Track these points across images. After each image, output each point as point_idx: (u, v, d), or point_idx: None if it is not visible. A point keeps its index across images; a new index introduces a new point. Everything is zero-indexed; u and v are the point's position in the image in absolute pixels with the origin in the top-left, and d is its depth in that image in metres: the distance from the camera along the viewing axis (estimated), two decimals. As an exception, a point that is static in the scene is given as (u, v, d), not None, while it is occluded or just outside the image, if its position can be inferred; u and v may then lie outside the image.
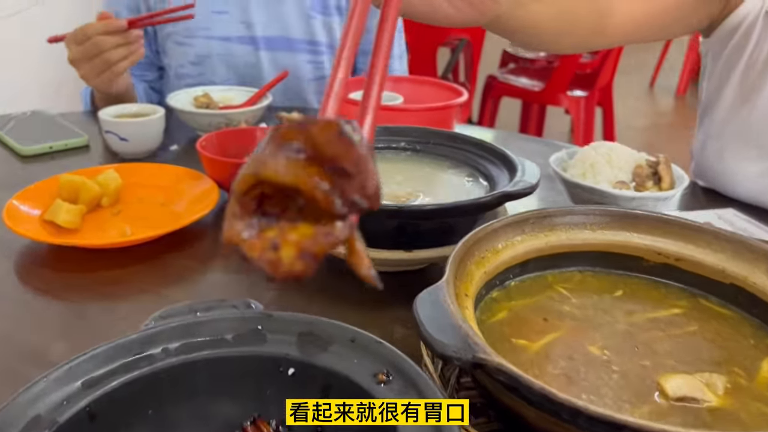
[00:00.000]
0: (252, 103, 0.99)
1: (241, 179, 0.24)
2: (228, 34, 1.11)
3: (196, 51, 1.11)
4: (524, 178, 0.62)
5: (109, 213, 0.72)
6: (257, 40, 1.12)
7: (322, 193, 0.23)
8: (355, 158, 0.23)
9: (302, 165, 0.23)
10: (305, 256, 0.24)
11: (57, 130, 0.94)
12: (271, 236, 0.24)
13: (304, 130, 0.23)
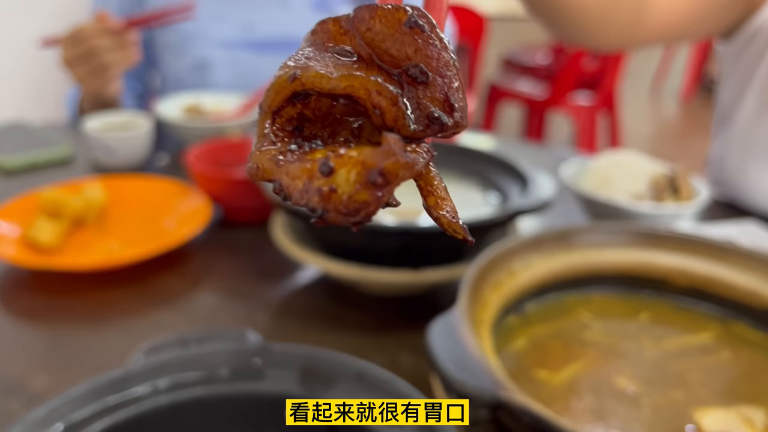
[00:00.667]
0: (245, 111, 0.95)
1: (275, 88, 0.17)
2: (228, 39, 1.06)
3: (194, 58, 1.05)
4: (537, 192, 0.58)
5: (94, 230, 0.68)
6: (257, 43, 1.08)
7: (389, 99, 0.16)
8: (434, 55, 0.16)
9: (359, 67, 0.17)
10: (374, 177, 0.15)
11: (40, 141, 0.89)
12: (320, 157, 0.16)
13: (359, 21, 0.17)
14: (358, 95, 0.16)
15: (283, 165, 0.17)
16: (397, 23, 0.16)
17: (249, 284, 0.61)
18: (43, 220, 0.63)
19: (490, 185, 0.65)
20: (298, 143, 0.17)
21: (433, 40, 0.16)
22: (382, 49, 0.16)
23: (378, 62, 0.17)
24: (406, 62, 0.16)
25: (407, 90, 0.17)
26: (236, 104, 0.97)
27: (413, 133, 0.17)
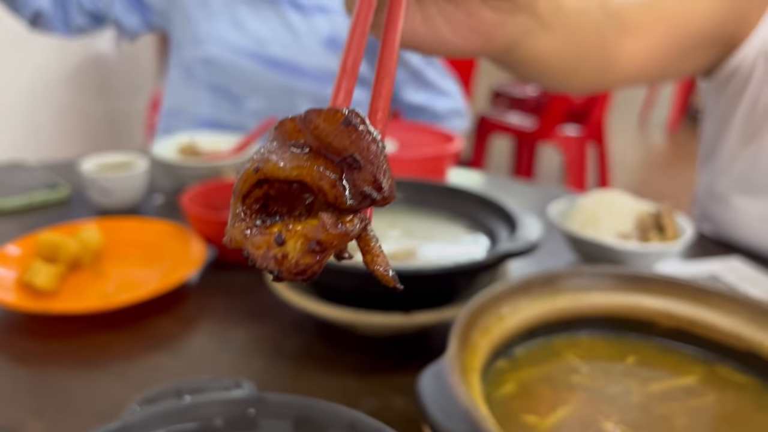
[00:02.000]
0: (239, 150, 0.97)
1: (243, 178, 0.22)
2: (240, 47, 1.16)
3: (208, 54, 1.16)
4: (525, 234, 0.59)
5: (90, 273, 0.69)
6: (268, 60, 1.16)
7: (329, 183, 0.21)
8: (364, 147, 0.21)
9: (308, 158, 0.22)
10: (314, 246, 0.22)
11: (36, 181, 0.91)
12: (275, 231, 0.22)
13: (308, 121, 0.22)
14: (306, 181, 0.22)
15: (249, 238, 0.22)
16: (336, 122, 0.21)
17: (243, 326, 0.62)
18: (39, 264, 0.64)
19: (479, 227, 0.66)
20: (262, 219, 0.22)
21: (365, 135, 0.21)
22: (326, 142, 0.21)
23: (324, 152, 0.22)
24: (344, 152, 0.21)
25: (346, 173, 0.22)
26: (231, 144, 0.99)
27: (350, 207, 0.21)
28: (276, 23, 1.17)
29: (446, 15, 0.48)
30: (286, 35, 1.17)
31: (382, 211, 0.70)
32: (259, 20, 1.17)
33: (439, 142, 0.96)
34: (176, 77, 1.23)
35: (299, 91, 1.17)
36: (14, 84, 1.73)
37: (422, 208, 0.71)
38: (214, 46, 1.16)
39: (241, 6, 1.17)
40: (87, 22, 1.19)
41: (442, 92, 1.29)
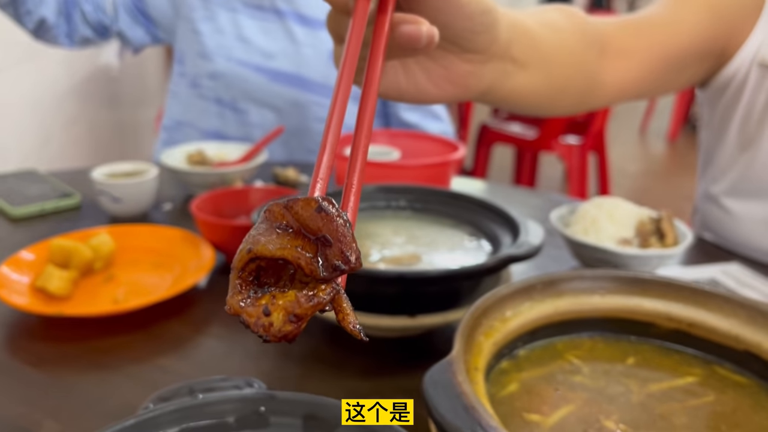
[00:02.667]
0: (247, 159, 0.98)
1: (239, 256, 0.27)
2: (247, 61, 1.18)
3: (215, 67, 1.19)
4: (528, 240, 0.61)
5: (102, 278, 0.70)
6: (274, 72, 1.18)
7: (305, 260, 0.27)
8: (333, 228, 0.26)
9: (290, 238, 0.27)
10: (292, 318, 0.27)
11: (48, 189, 0.92)
12: (263, 303, 0.28)
13: (289, 208, 0.27)
14: (287, 259, 0.27)
15: (244, 308, 0.28)
16: (311, 209, 0.26)
17: (252, 330, 0.63)
18: (52, 269, 0.66)
19: (482, 232, 0.68)
20: (254, 289, 0.28)
21: (335, 218, 0.26)
22: (305, 224, 0.27)
23: (303, 232, 0.27)
24: (318, 233, 0.26)
25: (320, 250, 0.27)
26: (238, 153, 1.01)
27: (324, 278, 0.27)
28: (282, 37, 1.19)
29: (424, 69, 0.51)
30: (292, 48, 1.19)
31: (387, 218, 0.72)
32: (265, 34, 1.19)
33: (441, 150, 0.98)
34: (180, 90, 1.24)
35: (305, 102, 1.19)
36: (25, 96, 1.76)
37: (426, 214, 0.72)
38: (221, 59, 1.18)
39: (247, 20, 1.20)
40: (91, 34, 1.22)
41: (434, 115, 1.30)
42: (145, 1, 1.23)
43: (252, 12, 1.20)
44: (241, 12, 1.20)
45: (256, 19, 1.20)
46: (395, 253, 0.64)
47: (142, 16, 1.24)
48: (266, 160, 1.00)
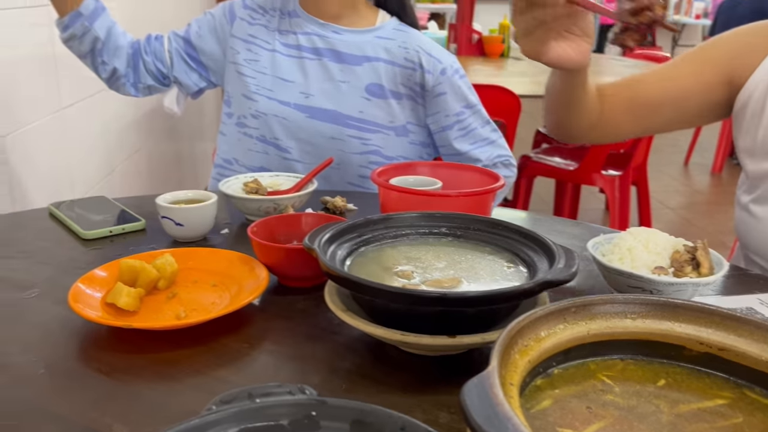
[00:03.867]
0: (298, 188, 1.04)
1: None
2: (288, 100, 1.25)
3: (258, 107, 1.26)
4: (563, 266, 0.64)
5: (165, 296, 0.76)
6: (312, 109, 1.25)
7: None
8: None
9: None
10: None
11: (116, 214, 1.00)
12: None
13: None
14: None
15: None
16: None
17: (301, 346, 0.68)
18: (121, 286, 0.72)
19: (520, 259, 0.71)
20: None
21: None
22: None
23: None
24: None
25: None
26: (290, 182, 1.07)
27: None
28: (320, 76, 1.26)
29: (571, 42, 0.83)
30: (330, 86, 1.25)
31: (429, 244, 0.76)
32: (304, 74, 1.26)
33: (482, 181, 1.02)
34: (228, 130, 1.32)
35: (343, 137, 1.24)
36: (93, 130, 1.88)
37: (466, 241, 0.76)
38: (263, 99, 1.25)
39: (286, 60, 1.27)
40: (153, 82, 1.33)
41: (486, 140, 1.32)
42: (197, 49, 1.32)
43: (290, 51, 1.28)
44: (280, 53, 1.28)
45: (294, 58, 1.27)
46: (437, 276, 0.68)
47: (195, 62, 1.33)
48: (315, 189, 1.05)
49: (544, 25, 0.77)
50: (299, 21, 1.29)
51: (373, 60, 1.26)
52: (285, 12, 1.31)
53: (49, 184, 1.68)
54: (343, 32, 1.28)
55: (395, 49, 1.27)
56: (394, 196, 0.92)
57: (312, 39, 1.28)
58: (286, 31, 1.29)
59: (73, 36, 1.23)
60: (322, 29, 1.28)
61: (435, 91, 1.27)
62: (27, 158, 1.54)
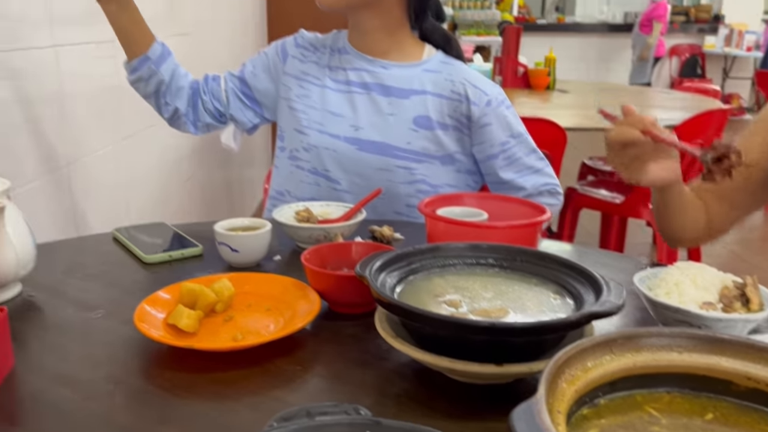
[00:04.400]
0: (347, 217, 1.08)
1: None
2: (338, 133, 1.30)
3: (309, 140, 1.31)
4: (610, 298, 0.65)
5: (222, 318, 0.80)
6: (361, 141, 1.29)
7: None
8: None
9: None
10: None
11: (175, 240, 1.05)
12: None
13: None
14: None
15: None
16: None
17: (352, 369, 0.71)
18: (182, 308, 0.76)
19: (566, 291, 0.72)
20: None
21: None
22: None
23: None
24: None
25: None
26: (340, 212, 1.11)
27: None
28: (369, 109, 1.30)
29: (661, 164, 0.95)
30: (378, 119, 1.30)
31: (476, 274, 0.78)
32: (353, 108, 1.31)
33: (528, 213, 1.03)
34: (282, 163, 1.37)
35: (391, 167, 1.28)
36: (150, 159, 1.97)
37: (513, 272, 0.78)
38: (314, 132, 1.30)
39: (336, 94, 1.32)
40: (211, 120, 1.39)
41: (531, 168, 1.34)
42: (251, 87, 1.39)
43: (340, 87, 1.32)
44: (330, 88, 1.33)
45: (344, 92, 1.32)
46: (484, 306, 0.70)
47: (250, 100, 1.39)
48: (364, 218, 1.09)
49: (637, 159, 0.94)
50: (349, 57, 1.34)
51: (420, 93, 1.30)
52: (335, 49, 1.37)
53: (107, 209, 1.76)
54: (391, 67, 1.32)
55: (441, 81, 1.31)
56: (441, 226, 0.95)
57: (361, 74, 1.32)
58: (336, 67, 1.34)
59: (140, 78, 1.31)
60: (371, 65, 1.32)
61: (480, 122, 1.30)
62: (89, 185, 1.62)
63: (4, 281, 0.81)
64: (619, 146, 0.93)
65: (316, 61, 1.36)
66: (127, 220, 1.86)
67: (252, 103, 1.40)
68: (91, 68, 1.64)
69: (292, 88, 1.35)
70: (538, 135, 2.13)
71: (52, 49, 1.44)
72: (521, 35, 3.42)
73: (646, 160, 0.94)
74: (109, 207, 1.77)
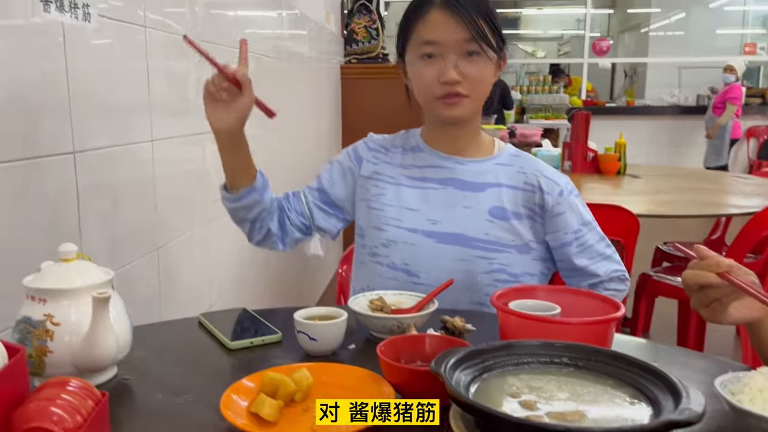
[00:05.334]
0: (420, 307, 1.11)
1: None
2: (415, 227, 1.34)
3: (388, 236, 1.35)
4: (690, 406, 0.64)
5: (300, 408, 0.83)
6: (439, 234, 1.33)
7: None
8: None
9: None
10: None
11: (256, 326, 1.10)
12: None
13: None
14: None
15: None
16: None
17: (426, 466, 0.71)
18: (264, 397, 0.80)
19: (643, 395, 0.72)
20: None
21: None
22: None
23: None
24: None
25: None
26: (413, 301, 1.14)
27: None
28: (445, 202, 1.35)
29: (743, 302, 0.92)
30: (454, 211, 1.34)
31: (551, 373, 0.78)
32: (428, 202, 1.35)
33: (601, 308, 1.03)
34: (363, 259, 1.42)
35: (470, 258, 1.31)
36: (230, 242, 2.08)
37: (588, 372, 0.78)
38: (392, 228, 1.35)
39: (411, 191, 1.37)
40: (299, 235, 1.44)
41: (602, 255, 1.37)
42: (331, 196, 1.44)
43: (415, 183, 1.38)
44: (406, 185, 1.38)
45: (419, 188, 1.37)
46: (559, 408, 0.70)
47: (331, 208, 1.45)
48: (436, 308, 1.11)
49: (716, 300, 0.93)
50: (424, 156, 1.40)
51: (494, 186, 1.35)
52: (407, 148, 1.42)
53: (190, 289, 1.86)
54: (467, 163, 1.37)
55: (515, 174, 1.36)
56: (513, 320, 0.96)
57: (437, 171, 1.37)
58: (410, 165, 1.40)
59: (242, 207, 1.33)
60: (447, 161, 1.38)
61: (554, 211, 1.34)
62: (174, 267, 1.72)
63: (104, 366, 0.87)
64: (696, 287, 0.92)
65: (388, 161, 1.42)
66: (207, 300, 1.96)
67: (334, 210, 1.45)
68: (181, 156, 1.78)
69: (369, 189, 1.41)
70: (610, 222, 2.13)
71: (149, 143, 1.58)
72: (590, 121, 3.45)
73: (727, 302, 0.92)
74: (192, 288, 1.87)
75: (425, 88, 1.30)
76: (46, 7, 1.14)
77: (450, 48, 1.25)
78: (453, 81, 1.25)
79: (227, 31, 2.11)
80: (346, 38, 4.77)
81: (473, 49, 1.26)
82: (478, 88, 1.30)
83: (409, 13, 1.32)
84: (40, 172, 1.14)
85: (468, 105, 1.30)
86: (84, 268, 0.88)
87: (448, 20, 1.25)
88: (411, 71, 1.33)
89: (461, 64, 1.26)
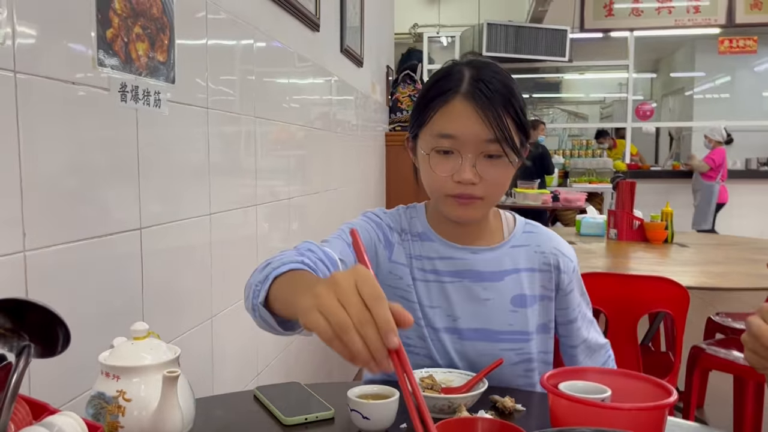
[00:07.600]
0: (469, 387, 1.12)
1: None
2: (438, 326, 1.29)
3: (416, 334, 1.29)
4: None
5: (356, 488, 0.84)
6: (461, 331, 1.29)
7: None
8: None
9: None
10: None
11: (309, 401, 1.13)
12: None
13: None
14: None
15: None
16: None
17: None
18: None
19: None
20: None
21: None
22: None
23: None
24: None
25: None
26: (462, 380, 1.15)
27: None
28: (464, 297, 1.28)
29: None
30: (475, 306, 1.28)
31: (604, 461, 0.78)
32: (447, 298, 1.28)
33: (653, 392, 1.02)
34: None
35: (496, 351, 1.27)
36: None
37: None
38: (414, 326, 1.25)
39: (427, 287, 1.29)
40: None
41: (593, 322, 1.40)
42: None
43: (427, 276, 1.28)
44: (419, 279, 1.28)
45: (433, 282, 1.28)
46: (614, 500, 0.70)
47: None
48: (486, 388, 1.12)
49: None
50: (433, 245, 1.30)
51: (513, 272, 1.30)
52: (415, 234, 1.31)
53: (238, 359, 1.90)
54: (481, 251, 1.30)
55: (532, 255, 1.32)
56: (563, 403, 0.97)
57: (449, 263, 1.29)
58: (420, 256, 1.29)
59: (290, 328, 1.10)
60: (459, 252, 1.29)
61: (566, 290, 1.33)
62: (226, 337, 1.77)
63: (170, 441, 0.91)
64: (756, 348, 0.96)
65: (403, 248, 1.30)
66: (254, 371, 1.99)
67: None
68: (234, 223, 1.85)
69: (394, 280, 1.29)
70: (658, 294, 2.11)
71: (207, 217, 1.67)
72: (635, 189, 3.44)
73: None
74: (240, 356, 1.91)
75: (436, 183, 1.19)
76: (123, 96, 1.25)
77: (470, 146, 1.14)
78: (469, 182, 1.15)
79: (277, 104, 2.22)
80: (391, 107, 4.93)
81: (495, 152, 1.15)
82: (495, 192, 1.20)
83: (429, 96, 1.18)
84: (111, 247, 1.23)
85: (481, 207, 1.21)
86: (153, 345, 0.93)
87: (471, 114, 1.13)
88: (422, 160, 1.22)
89: (480, 164, 1.15)
